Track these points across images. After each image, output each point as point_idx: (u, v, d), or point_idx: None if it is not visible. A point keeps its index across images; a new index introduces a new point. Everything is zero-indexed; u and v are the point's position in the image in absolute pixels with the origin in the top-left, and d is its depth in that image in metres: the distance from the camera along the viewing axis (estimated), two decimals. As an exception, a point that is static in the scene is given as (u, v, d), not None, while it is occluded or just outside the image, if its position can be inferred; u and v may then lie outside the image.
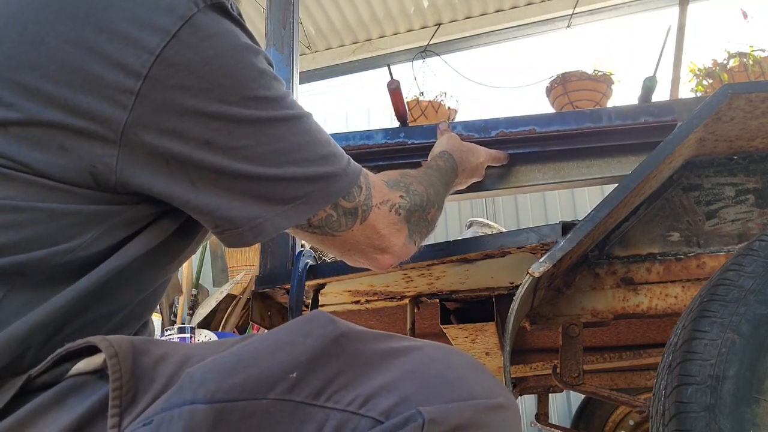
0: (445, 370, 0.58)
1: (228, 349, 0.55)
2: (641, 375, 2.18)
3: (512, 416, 0.61)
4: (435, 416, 0.53)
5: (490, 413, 0.57)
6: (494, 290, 1.47)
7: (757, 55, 1.77)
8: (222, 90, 0.64)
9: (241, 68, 0.66)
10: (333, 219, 0.76)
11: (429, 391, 0.55)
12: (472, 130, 1.42)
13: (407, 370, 0.57)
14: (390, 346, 0.58)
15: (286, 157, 0.69)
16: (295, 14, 1.66)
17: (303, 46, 3.94)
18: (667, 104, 1.37)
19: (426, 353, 0.59)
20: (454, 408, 0.55)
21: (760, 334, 0.87)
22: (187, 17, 0.63)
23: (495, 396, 0.59)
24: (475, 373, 0.60)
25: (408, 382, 0.55)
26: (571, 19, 3.65)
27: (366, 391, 0.54)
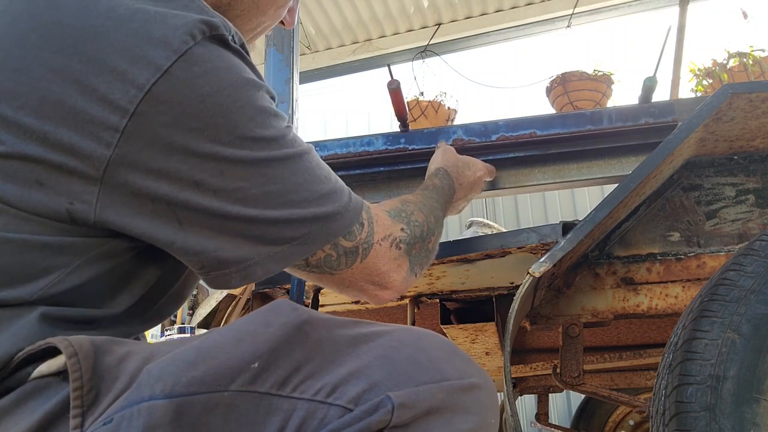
0: (416, 353, 0.57)
1: (190, 343, 0.54)
2: (641, 375, 2.18)
3: (487, 396, 0.60)
4: (405, 400, 0.52)
5: (464, 394, 0.57)
6: (494, 290, 1.47)
7: (757, 55, 1.77)
8: (216, 129, 0.61)
9: (238, 106, 0.62)
10: (332, 258, 0.73)
11: (399, 376, 0.54)
12: (471, 134, 1.41)
13: (376, 355, 0.56)
14: (358, 332, 0.57)
15: (282, 198, 0.65)
16: (295, 14, 1.66)
17: (303, 46, 3.94)
18: (667, 104, 1.37)
19: (395, 337, 0.58)
20: (425, 391, 0.54)
21: (761, 333, 0.87)
22: (182, 51, 0.59)
23: (468, 376, 0.58)
24: (447, 355, 0.59)
25: (377, 368, 0.54)
26: (571, 19, 3.65)
27: (333, 379, 0.53)
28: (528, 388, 2.39)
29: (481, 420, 0.58)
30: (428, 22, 3.90)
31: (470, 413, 0.57)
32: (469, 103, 2.51)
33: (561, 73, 1.75)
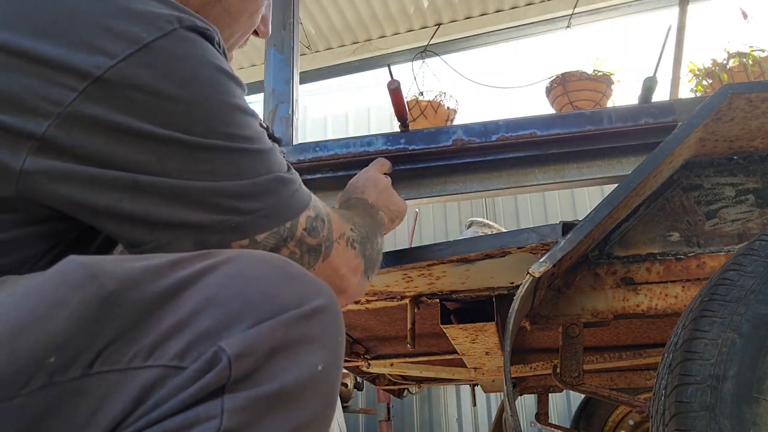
0: (246, 288, 0.51)
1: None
2: (641, 375, 2.19)
3: (332, 317, 0.55)
4: (241, 349, 0.47)
5: (307, 322, 0.52)
6: (494, 290, 1.47)
7: (757, 55, 1.77)
8: (190, 117, 0.59)
9: (218, 99, 0.61)
10: (296, 257, 0.69)
11: (229, 318, 0.49)
12: (471, 134, 1.41)
13: (200, 300, 0.49)
14: (176, 277, 0.50)
15: (241, 176, 0.63)
16: (295, 14, 1.67)
17: (303, 46, 3.94)
18: (667, 104, 1.37)
19: (222, 273, 0.52)
20: (263, 330, 0.49)
21: (761, 333, 0.87)
22: (167, 30, 0.58)
23: (310, 300, 0.53)
24: (283, 280, 0.53)
25: (203, 314, 0.48)
26: (571, 19, 3.65)
27: (150, 340, 0.47)
28: (528, 388, 2.40)
29: (328, 345, 0.53)
30: (428, 23, 3.90)
31: (316, 341, 0.52)
32: (469, 103, 2.51)
33: (561, 73, 1.76)
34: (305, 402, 0.50)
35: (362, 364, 2.11)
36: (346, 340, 2.01)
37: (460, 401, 5.20)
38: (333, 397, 0.55)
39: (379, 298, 1.53)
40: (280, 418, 0.48)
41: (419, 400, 5.24)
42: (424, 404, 5.26)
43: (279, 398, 0.48)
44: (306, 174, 1.49)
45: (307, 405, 0.50)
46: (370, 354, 2.11)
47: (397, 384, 2.56)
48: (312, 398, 0.51)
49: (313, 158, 1.45)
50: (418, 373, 2.19)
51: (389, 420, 4.60)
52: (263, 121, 1.52)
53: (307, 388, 0.50)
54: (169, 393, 0.45)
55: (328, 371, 0.53)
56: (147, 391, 0.46)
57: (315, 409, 0.51)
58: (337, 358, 0.55)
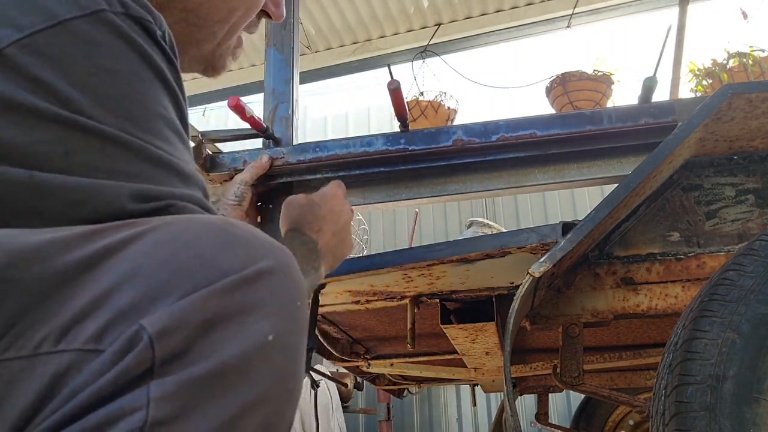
0: (177, 254, 0.44)
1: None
2: (641, 375, 2.19)
3: (283, 280, 0.48)
4: (165, 325, 0.40)
5: (251, 287, 0.45)
6: (494, 290, 1.47)
7: (757, 55, 1.77)
8: (102, 107, 0.51)
9: (138, 99, 0.53)
10: None
11: (155, 290, 0.42)
12: (471, 134, 1.41)
13: (121, 271, 0.43)
14: (94, 248, 0.43)
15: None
16: (295, 14, 1.67)
17: (303, 46, 3.94)
18: (667, 104, 1.37)
19: (150, 239, 0.45)
20: (193, 301, 0.42)
21: (761, 333, 0.87)
22: (90, 10, 0.51)
23: (254, 262, 0.46)
24: (223, 243, 0.46)
25: (125, 288, 0.42)
26: (571, 19, 3.65)
27: (62, 321, 0.41)
28: (528, 388, 2.40)
29: (280, 311, 0.47)
30: (428, 23, 3.90)
31: (264, 308, 0.45)
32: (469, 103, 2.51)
33: (561, 73, 1.76)
34: (255, 377, 0.44)
35: (362, 364, 2.11)
36: (347, 340, 2.01)
37: (460, 401, 5.20)
38: (293, 369, 0.48)
39: (379, 298, 1.53)
40: (222, 400, 0.42)
41: (419, 400, 5.24)
42: (424, 404, 5.26)
43: (219, 377, 0.42)
44: (306, 174, 1.49)
45: (258, 381, 0.44)
46: (370, 354, 2.11)
47: (397, 384, 2.56)
48: (263, 372, 0.44)
49: (313, 158, 1.45)
50: (418, 373, 2.19)
51: (389, 420, 4.60)
52: (264, 120, 1.52)
53: (254, 362, 0.44)
54: (86, 381, 0.39)
55: (283, 340, 0.46)
56: (60, 379, 0.40)
57: (269, 384, 0.45)
58: (294, 326, 0.48)
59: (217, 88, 4.19)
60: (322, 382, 3.59)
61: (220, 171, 1.48)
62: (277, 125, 1.55)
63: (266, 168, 1.43)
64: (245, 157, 1.48)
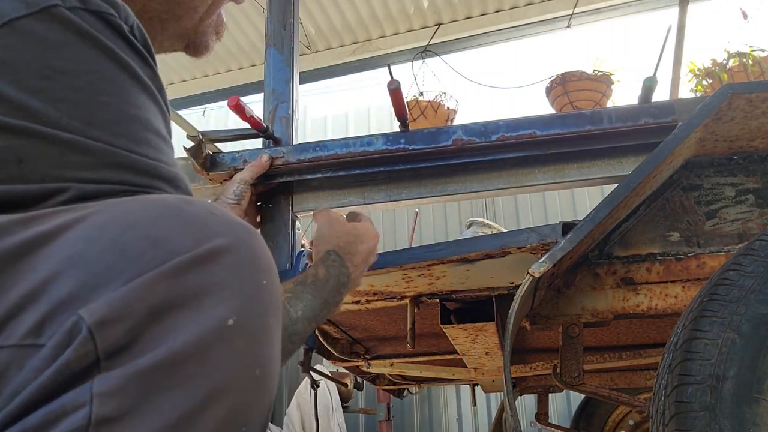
0: (121, 236, 0.40)
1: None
2: (641, 375, 2.19)
3: (242, 258, 0.43)
4: (104, 314, 0.37)
5: (205, 267, 0.41)
6: (494, 290, 1.47)
7: (757, 55, 1.77)
8: (57, 113, 0.47)
9: (102, 101, 0.49)
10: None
11: (98, 277, 0.38)
12: (471, 134, 1.41)
13: (61, 259, 0.39)
14: (31, 233, 0.40)
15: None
16: (295, 14, 1.66)
17: (303, 46, 3.94)
18: (667, 104, 1.37)
19: (92, 222, 0.41)
20: (137, 286, 0.38)
21: (761, 333, 0.87)
22: (38, 8, 0.47)
23: (208, 240, 0.41)
24: (177, 222, 0.42)
25: (64, 277, 0.38)
26: (571, 19, 3.65)
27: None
28: (528, 388, 2.40)
29: (241, 292, 0.42)
30: (428, 23, 3.90)
31: (222, 290, 0.41)
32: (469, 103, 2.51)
33: (561, 74, 1.76)
34: (213, 365, 0.40)
35: (362, 364, 2.11)
36: (347, 340, 2.01)
37: (460, 401, 5.20)
38: (263, 353, 0.43)
39: (379, 298, 1.53)
40: (177, 392, 0.38)
41: (419, 400, 5.24)
42: (424, 404, 5.26)
43: (171, 368, 0.38)
44: (306, 174, 1.49)
45: (218, 369, 0.40)
46: (370, 354, 2.11)
47: (397, 384, 2.56)
48: (224, 360, 0.40)
49: (313, 158, 1.45)
50: (418, 373, 2.19)
51: (389, 420, 4.60)
52: (264, 121, 1.52)
53: (211, 349, 0.39)
54: (27, 378, 0.36)
55: (246, 323, 0.42)
56: (0, 378, 0.36)
57: (231, 373, 0.41)
58: (261, 306, 0.43)
59: (217, 88, 4.20)
60: (322, 382, 3.58)
61: (220, 170, 1.48)
62: (277, 125, 1.54)
63: (266, 167, 1.43)
64: (245, 157, 1.48)
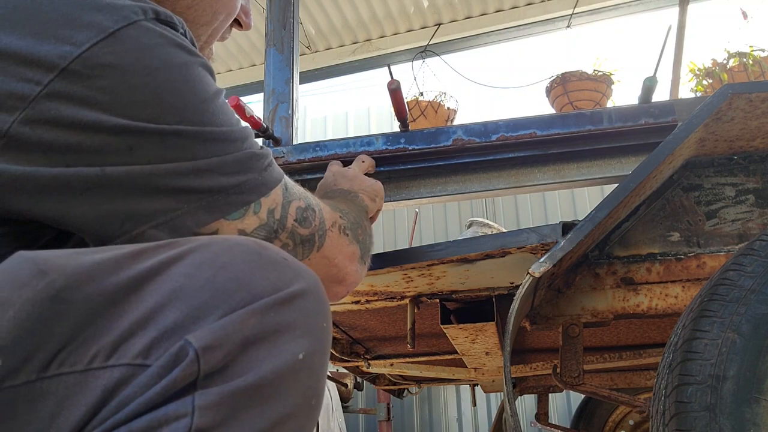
0: (216, 276, 0.48)
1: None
2: (641, 375, 2.19)
3: (313, 301, 0.51)
4: (209, 341, 0.44)
5: (284, 308, 0.48)
6: (494, 290, 1.47)
7: (757, 55, 1.77)
8: (161, 106, 0.58)
9: (189, 87, 0.60)
10: (289, 249, 0.68)
11: (198, 310, 0.45)
12: (471, 134, 1.41)
13: (165, 292, 0.46)
14: (140, 269, 0.47)
15: (213, 150, 0.62)
16: (295, 14, 1.66)
17: (303, 46, 3.94)
18: (667, 104, 1.37)
19: (189, 261, 0.48)
20: (234, 320, 0.45)
21: (761, 333, 0.87)
22: (132, 20, 0.57)
23: (287, 285, 0.50)
24: (257, 266, 0.50)
25: (169, 308, 0.45)
26: (571, 19, 3.65)
27: (111, 338, 0.44)
28: (528, 388, 2.40)
29: (310, 332, 0.50)
30: (428, 22, 3.90)
31: (296, 328, 0.49)
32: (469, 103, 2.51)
33: (561, 73, 1.76)
34: (285, 393, 0.47)
35: (362, 364, 2.11)
36: (347, 340, 2.01)
37: (460, 401, 5.20)
38: (318, 386, 0.52)
39: (379, 298, 1.53)
40: (257, 413, 0.45)
41: (419, 400, 5.24)
42: (424, 404, 5.26)
43: (256, 391, 0.45)
44: (306, 174, 1.49)
45: (288, 396, 0.47)
46: (370, 354, 2.11)
47: (397, 384, 2.56)
48: (293, 389, 0.48)
49: (313, 158, 1.45)
50: (418, 373, 2.19)
51: (389, 420, 4.60)
52: (264, 120, 1.52)
53: (286, 379, 0.47)
54: (134, 392, 0.42)
55: (310, 359, 0.49)
56: (110, 392, 0.43)
57: (296, 400, 0.48)
58: (320, 345, 0.51)
59: (218, 88, 4.19)
60: (322, 382, 3.58)
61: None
62: (277, 125, 1.54)
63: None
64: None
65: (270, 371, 0.46)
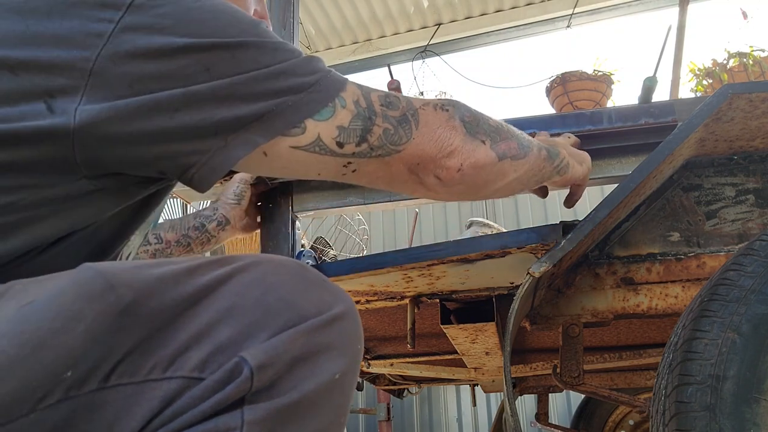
0: (265, 295, 0.50)
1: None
2: (641, 375, 2.19)
3: (350, 324, 0.54)
4: (263, 360, 0.46)
5: (327, 330, 0.51)
6: (494, 290, 1.46)
7: (757, 55, 1.77)
8: (213, 29, 0.61)
9: (239, 18, 0.64)
10: (390, 132, 0.71)
11: (250, 327, 0.48)
12: (472, 130, 1.41)
13: (219, 309, 0.49)
14: (196, 285, 0.49)
15: (280, 60, 0.65)
16: (295, 14, 1.66)
17: (303, 46, 3.94)
18: (667, 104, 1.37)
19: (240, 281, 0.51)
20: (284, 339, 0.48)
21: (761, 333, 0.87)
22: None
23: (329, 308, 0.53)
24: (301, 288, 0.53)
25: (223, 324, 0.48)
26: (571, 19, 3.66)
27: (169, 351, 0.46)
28: (528, 388, 2.39)
29: (347, 353, 0.53)
30: (428, 22, 3.90)
31: (335, 349, 0.52)
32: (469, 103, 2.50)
33: (561, 73, 1.75)
34: (321, 410, 0.50)
35: (362, 364, 2.11)
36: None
37: (460, 401, 5.20)
38: (347, 404, 0.55)
39: (379, 298, 1.53)
40: (296, 428, 0.48)
41: (419, 400, 5.24)
42: (424, 404, 5.26)
43: (297, 408, 0.48)
44: (306, 174, 1.48)
45: (323, 413, 0.50)
46: (370, 354, 2.11)
47: (397, 384, 2.56)
48: (328, 406, 0.51)
49: (313, 158, 1.45)
50: (418, 373, 2.19)
51: (389, 420, 4.60)
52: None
53: (323, 397, 0.50)
54: (188, 404, 0.45)
55: (344, 379, 0.52)
56: (166, 403, 0.45)
57: (330, 417, 0.51)
58: (354, 366, 0.55)
59: (217, 88, 4.19)
60: (322, 382, 3.58)
61: (220, 171, 1.48)
62: (277, 125, 1.54)
63: None
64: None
65: (311, 390, 0.49)
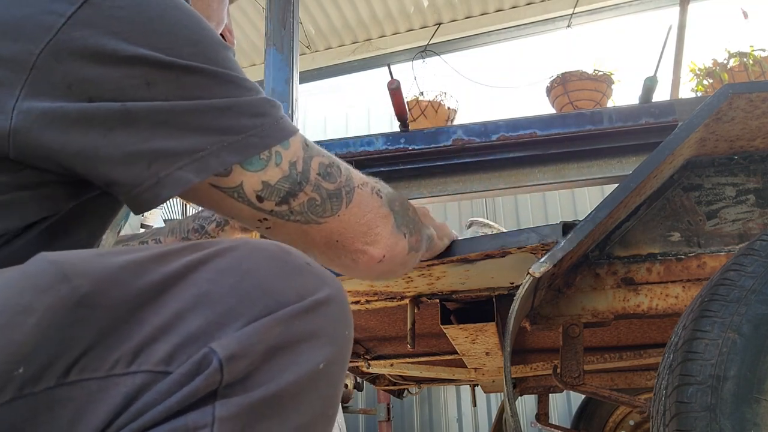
0: (240, 282, 0.46)
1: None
2: (641, 375, 2.18)
3: (337, 309, 0.50)
4: (234, 350, 0.43)
5: (309, 317, 0.47)
6: (494, 290, 1.46)
7: (757, 55, 1.77)
8: (176, 40, 0.58)
9: (202, 27, 0.60)
10: (317, 203, 0.68)
11: (223, 316, 0.44)
12: (471, 134, 1.41)
13: (188, 297, 0.45)
14: (164, 272, 0.46)
15: (231, 93, 0.61)
16: (295, 14, 1.66)
17: (303, 46, 3.94)
18: (667, 104, 1.36)
19: (213, 267, 0.47)
20: (258, 328, 0.44)
21: (761, 333, 0.87)
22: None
23: (312, 293, 0.49)
24: (281, 273, 0.49)
25: (193, 313, 0.44)
26: (571, 19, 3.65)
27: (134, 343, 0.43)
28: (528, 388, 2.39)
29: (334, 340, 0.49)
30: (428, 22, 3.90)
31: (319, 337, 0.48)
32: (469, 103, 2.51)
33: (561, 73, 1.75)
34: (304, 403, 0.46)
35: (362, 365, 2.11)
36: (346, 341, 2.00)
37: (460, 402, 5.19)
38: (336, 396, 0.51)
39: (379, 298, 1.53)
40: (276, 423, 0.44)
41: (419, 400, 5.24)
42: (424, 405, 5.26)
43: (276, 402, 0.44)
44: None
45: (307, 406, 0.47)
46: (370, 354, 2.10)
47: (397, 384, 2.56)
48: (312, 399, 0.47)
49: (313, 158, 1.45)
50: (418, 373, 2.19)
51: (389, 420, 4.60)
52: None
53: (305, 389, 0.46)
54: (154, 399, 0.42)
55: (330, 369, 0.49)
56: (131, 399, 0.42)
57: (315, 410, 0.48)
58: (341, 354, 0.51)
59: (217, 88, 4.19)
60: (322, 382, 3.58)
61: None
62: (276, 125, 1.54)
63: None
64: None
65: (291, 381, 0.45)
